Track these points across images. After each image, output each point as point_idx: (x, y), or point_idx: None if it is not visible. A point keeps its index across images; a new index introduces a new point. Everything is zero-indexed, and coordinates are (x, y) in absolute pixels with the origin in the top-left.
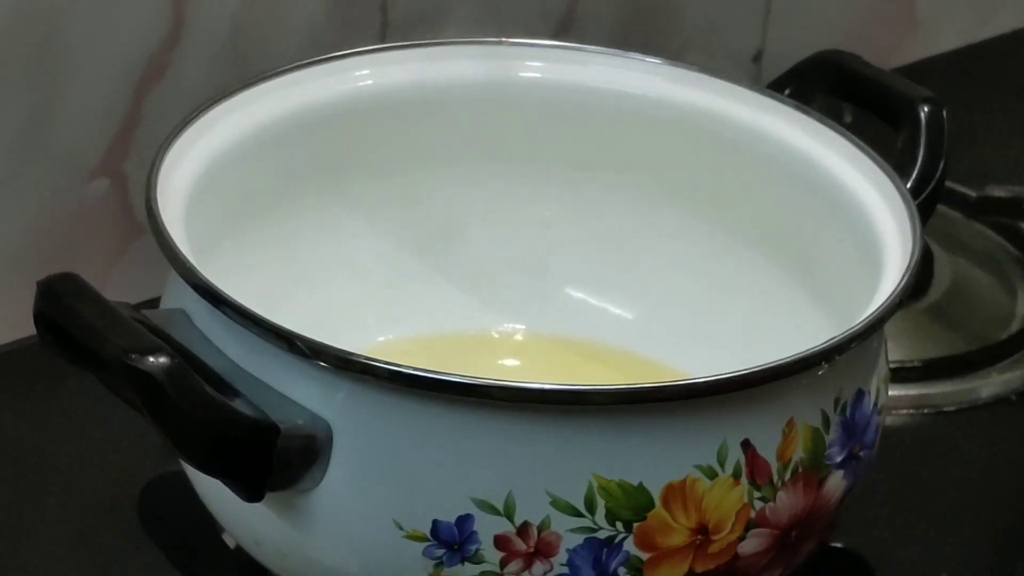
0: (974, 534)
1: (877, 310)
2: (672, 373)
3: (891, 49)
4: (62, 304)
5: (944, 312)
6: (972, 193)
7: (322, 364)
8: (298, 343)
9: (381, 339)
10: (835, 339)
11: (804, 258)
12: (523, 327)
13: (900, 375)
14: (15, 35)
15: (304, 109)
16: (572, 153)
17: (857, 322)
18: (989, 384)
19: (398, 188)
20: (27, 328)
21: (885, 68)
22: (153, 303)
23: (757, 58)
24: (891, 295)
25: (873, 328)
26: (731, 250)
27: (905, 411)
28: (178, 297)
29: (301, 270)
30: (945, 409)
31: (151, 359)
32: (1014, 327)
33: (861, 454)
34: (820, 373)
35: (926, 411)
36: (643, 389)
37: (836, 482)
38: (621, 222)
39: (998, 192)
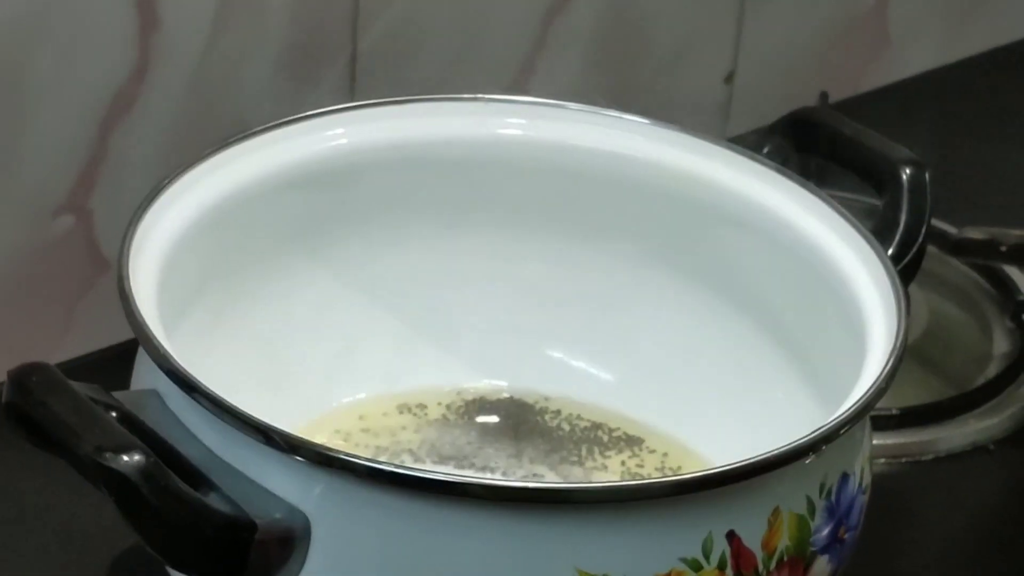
0: None
1: (864, 396)
2: (652, 432)
3: (863, 69)
4: (33, 397)
5: (921, 352)
6: (951, 230)
7: (299, 459)
8: (275, 437)
9: (359, 396)
10: (822, 429)
11: (786, 323)
12: (503, 383)
13: (878, 423)
14: None
15: (278, 170)
16: (553, 212)
17: (843, 409)
18: (966, 432)
19: (373, 246)
20: None
21: (857, 90)
22: (118, 344)
23: (729, 79)
24: (877, 379)
25: (860, 415)
26: (712, 313)
27: (882, 460)
28: (151, 376)
29: (275, 329)
30: (922, 459)
31: (124, 458)
32: (991, 370)
33: (846, 536)
34: (807, 462)
35: (904, 460)
36: (629, 487)
37: (821, 567)
38: (602, 283)
39: (975, 234)
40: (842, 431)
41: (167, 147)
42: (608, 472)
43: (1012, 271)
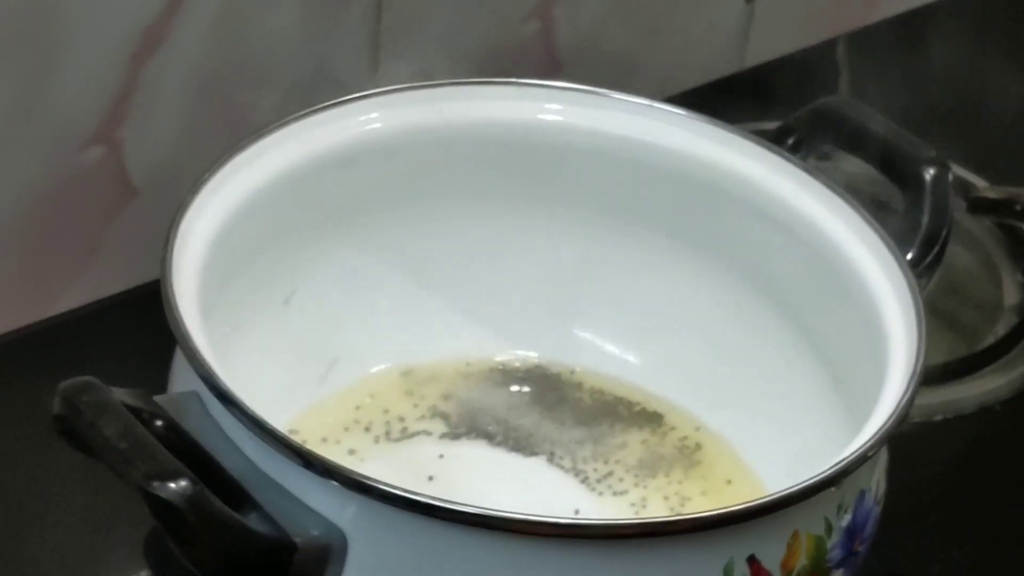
0: (962, 551)
1: (885, 424)
2: (672, 410)
3: None
4: (84, 418)
5: (933, 303)
6: (969, 178)
7: (336, 485)
8: (313, 461)
9: (395, 364)
10: (843, 462)
11: (807, 318)
12: (533, 355)
13: None
14: (11, 4)
15: (316, 154)
16: (587, 197)
17: (864, 439)
18: (974, 393)
19: (409, 225)
20: (23, 296)
21: (873, 18)
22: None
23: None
24: (898, 406)
25: (880, 443)
26: (737, 303)
27: None
28: (192, 378)
29: (314, 304)
30: (933, 419)
31: (172, 486)
32: (1000, 324)
33: (860, 549)
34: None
35: (914, 421)
36: (658, 523)
37: None
38: (631, 268)
39: (991, 193)
40: (868, 457)
41: (196, 81)
42: (628, 449)
43: None
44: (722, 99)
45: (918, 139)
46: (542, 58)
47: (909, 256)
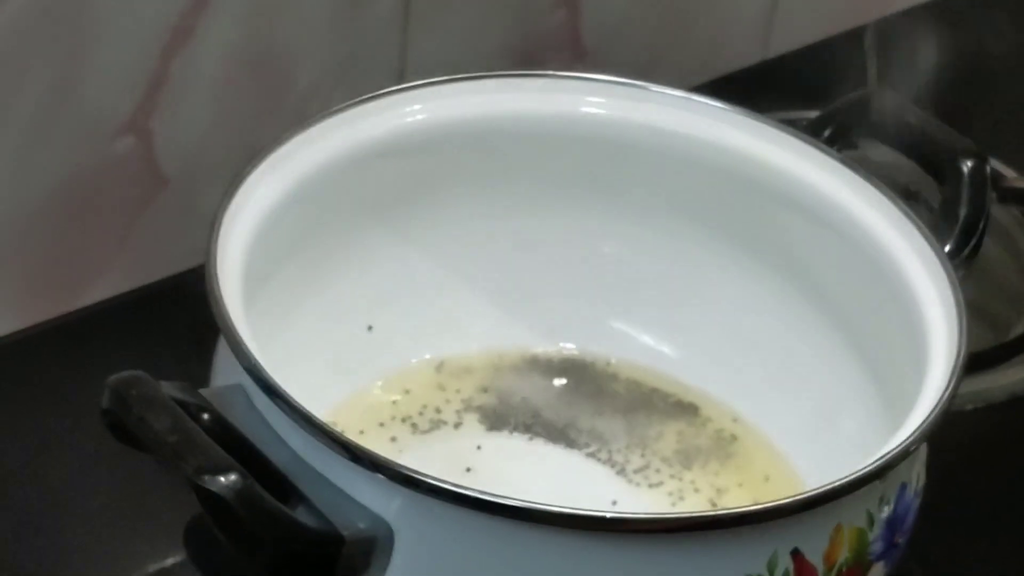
0: (993, 540)
1: (927, 418)
2: (707, 401)
3: None
4: (133, 413)
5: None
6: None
7: (382, 478)
8: (360, 455)
9: (434, 355)
10: (885, 456)
11: (845, 311)
12: (571, 346)
13: None
14: None
15: (359, 145)
16: (628, 190)
17: (907, 434)
18: (1006, 383)
19: (449, 216)
20: (54, 286)
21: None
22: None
23: None
24: (940, 401)
25: (923, 438)
26: (775, 296)
27: None
28: (236, 370)
29: (356, 293)
30: (965, 408)
31: (222, 479)
32: None
33: (900, 541)
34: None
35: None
36: (703, 518)
37: (876, 573)
38: (670, 261)
39: (1018, 183)
40: (911, 451)
41: (226, 73)
42: (664, 441)
43: None
44: (747, 88)
45: (955, 131)
46: (568, 46)
47: (947, 248)
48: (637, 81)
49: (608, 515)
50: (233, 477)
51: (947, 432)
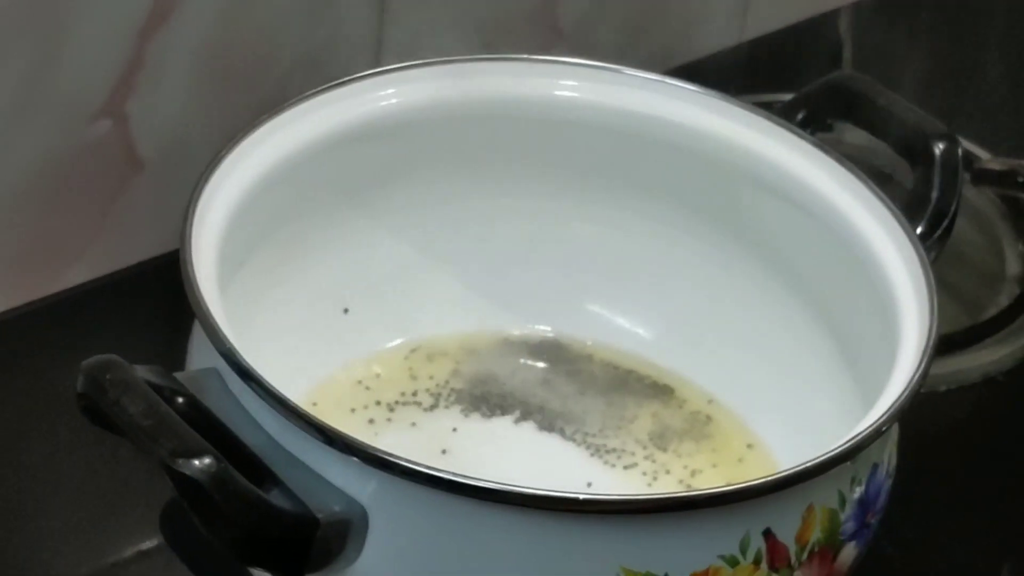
0: (965, 519)
1: (898, 399)
2: (683, 383)
3: None
4: (108, 397)
5: (937, 277)
6: (974, 150)
7: (356, 461)
8: (335, 438)
9: (409, 338)
10: (857, 437)
11: (817, 291)
12: (546, 329)
13: None
14: None
15: (333, 130)
16: (600, 173)
17: (878, 414)
18: (978, 363)
19: (424, 200)
20: (32, 270)
21: None
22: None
23: None
24: (911, 382)
25: (894, 418)
26: (749, 278)
27: None
28: (211, 354)
29: (329, 277)
30: (937, 390)
31: (196, 463)
32: (1003, 295)
33: (872, 521)
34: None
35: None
36: (675, 499)
37: (848, 552)
38: (644, 243)
39: (994, 165)
40: (883, 431)
41: (203, 56)
42: (640, 422)
43: None
44: (723, 71)
45: (927, 114)
46: (545, 29)
47: (919, 230)
48: (611, 64)
49: (581, 496)
50: (207, 460)
51: (922, 413)
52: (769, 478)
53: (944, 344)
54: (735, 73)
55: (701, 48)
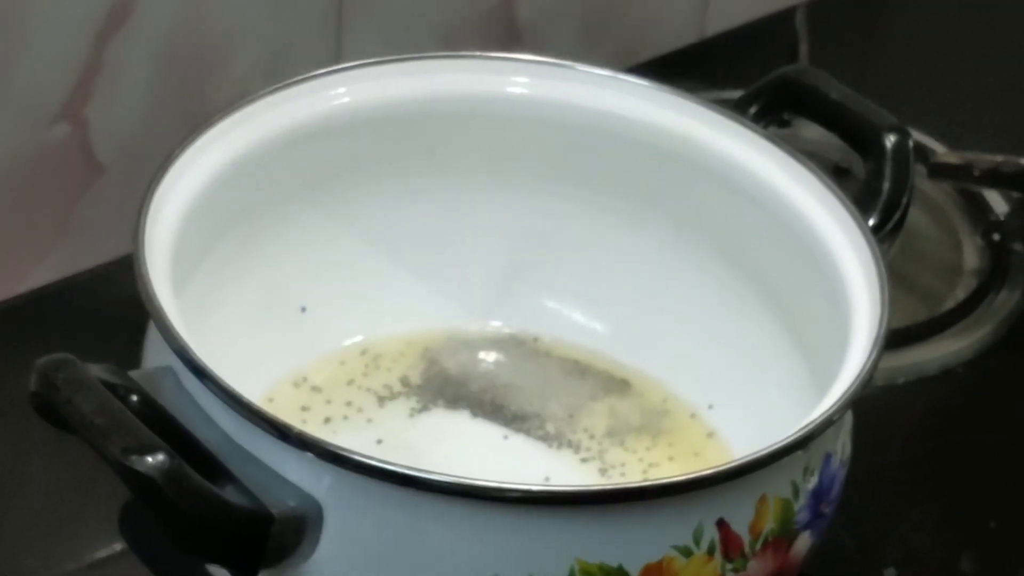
0: (924, 511)
1: (849, 388)
2: (639, 376)
3: None
4: (61, 395)
5: (895, 270)
6: (930, 144)
7: (311, 456)
8: (288, 434)
9: (365, 336)
10: (808, 426)
11: (771, 283)
12: (499, 324)
13: None
14: None
15: (285, 129)
16: (553, 169)
17: (830, 404)
18: (936, 355)
19: (377, 197)
20: None
21: None
22: (112, 245)
23: None
24: (862, 371)
25: (846, 407)
26: (703, 270)
27: None
28: (166, 353)
29: (285, 275)
30: (895, 382)
31: (149, 459)
32: (960, 288)
33: (827, 511)
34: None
35: (879, 383)
36: (628, 490)
37: (803, 541)
38: (598, 238)
39: (950, 159)
40: (833, 421)
41: (161, 59)
42: (596, 416)
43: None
44: (683, 69)
45: (878, 107)
46: (504, 30)
47: (871, 222)
48: (563, 61)
49: (535, 488)
50: (160, 457)
51: (880, 404)
52: (721, 468)
53: (903, 337)
54: (696, 70)
55: (662, 46)
